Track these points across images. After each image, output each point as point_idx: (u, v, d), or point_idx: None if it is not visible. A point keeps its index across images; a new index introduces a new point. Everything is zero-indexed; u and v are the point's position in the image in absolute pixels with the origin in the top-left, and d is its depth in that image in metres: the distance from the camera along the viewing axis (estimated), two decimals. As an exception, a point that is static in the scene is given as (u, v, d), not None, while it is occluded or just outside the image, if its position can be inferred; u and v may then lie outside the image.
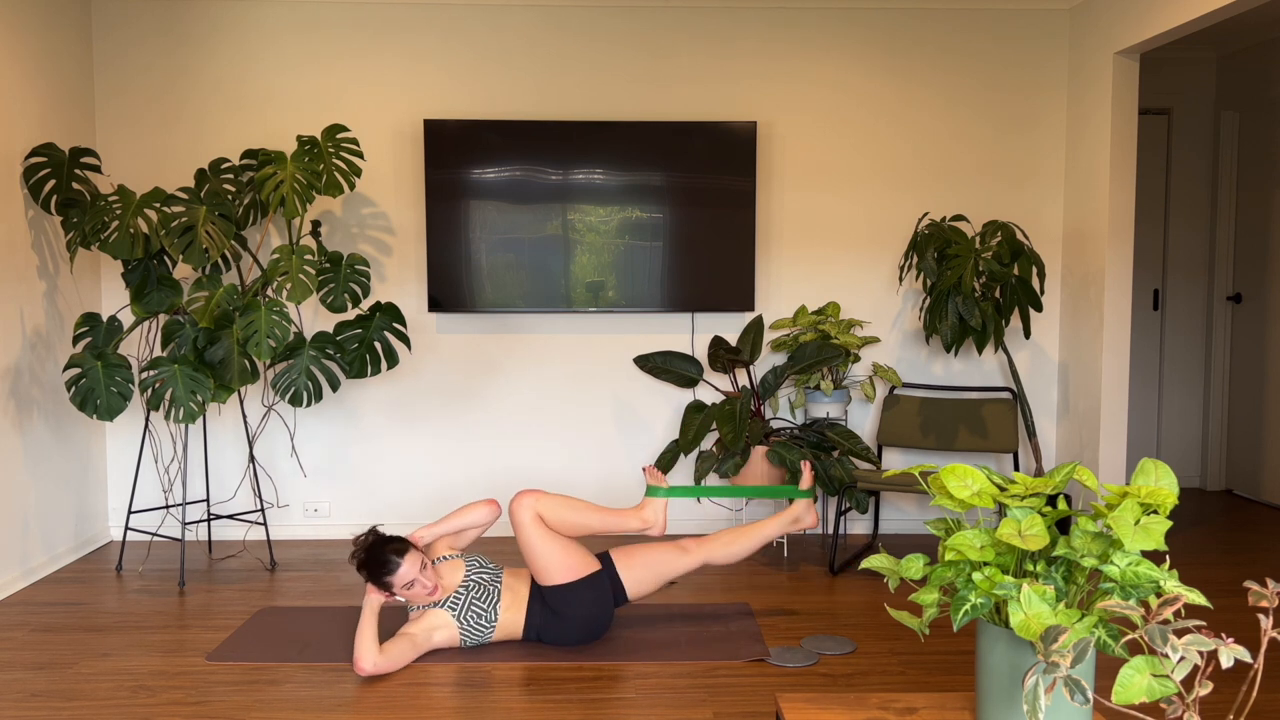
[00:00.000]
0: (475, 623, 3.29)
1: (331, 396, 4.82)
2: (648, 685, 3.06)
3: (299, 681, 3.10)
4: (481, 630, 3.30)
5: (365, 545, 3.25)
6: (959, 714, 2.12)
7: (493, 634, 3.33)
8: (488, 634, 3.32)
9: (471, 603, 3.30)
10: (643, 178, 4.69)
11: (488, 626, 3.31)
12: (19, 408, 4.09)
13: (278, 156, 4.14)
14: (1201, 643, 1.57)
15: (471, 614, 3.29)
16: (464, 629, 3.28)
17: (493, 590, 3.34)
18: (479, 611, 3.30)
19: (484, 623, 3.30)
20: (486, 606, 3.31)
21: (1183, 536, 4.86)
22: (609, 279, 4.72)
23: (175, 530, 4.80)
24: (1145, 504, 1.91)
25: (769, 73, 4.83)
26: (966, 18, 4.85)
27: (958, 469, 2.03)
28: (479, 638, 3.31)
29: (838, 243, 4.90)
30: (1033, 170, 4.91)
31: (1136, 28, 4.28)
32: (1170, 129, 5.82)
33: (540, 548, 3.29)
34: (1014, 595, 1.86)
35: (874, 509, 4.89)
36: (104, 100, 4.71)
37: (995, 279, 4.33)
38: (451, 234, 4.66)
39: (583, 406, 4.89)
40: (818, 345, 4.61)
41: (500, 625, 3.33)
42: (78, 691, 3.04)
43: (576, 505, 3.39)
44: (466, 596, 3.30)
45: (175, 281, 4.20)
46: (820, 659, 3.28)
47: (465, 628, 3.28)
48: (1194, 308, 5.90)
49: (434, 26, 4.75)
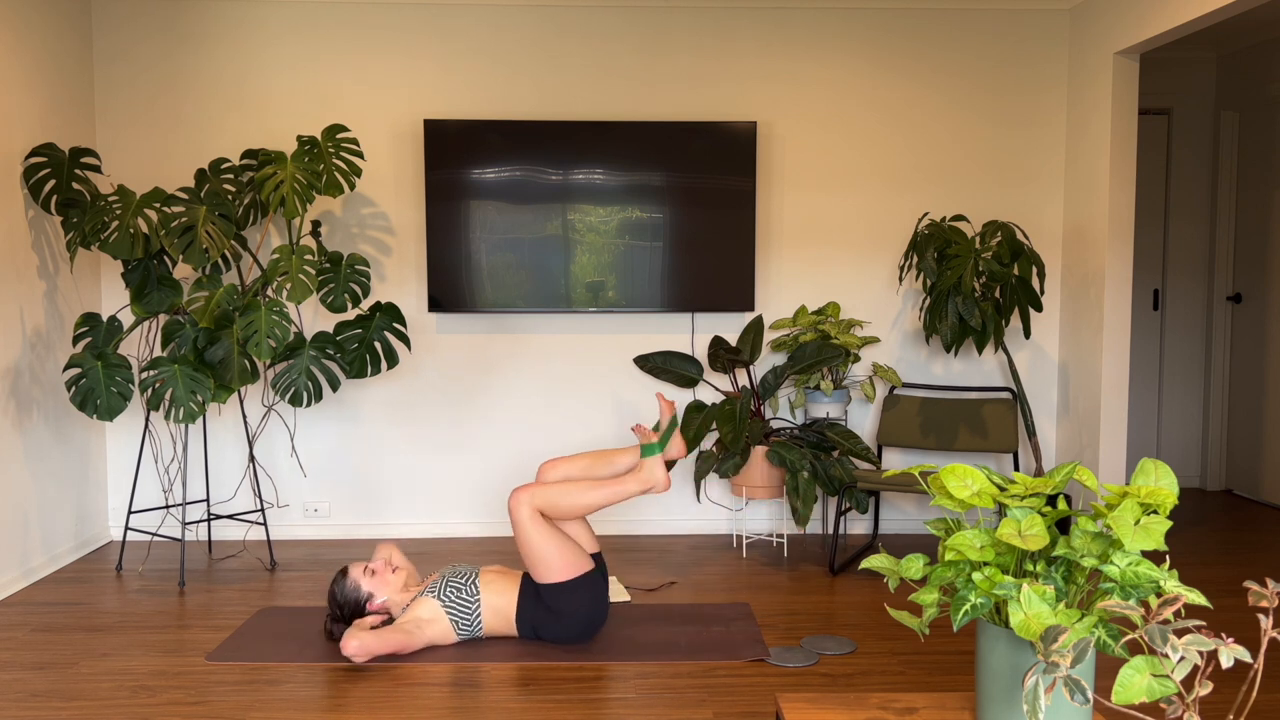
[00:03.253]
0: (458, 598, 3.31)
1: (331, 396, 4.82)
2: (648, 685, 3.06)
3: (299, 681, 3.10)
4: (467, 606, 3.31)
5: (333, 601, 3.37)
6: (959, 714, 2.12)
7: (481, 613, 3.32)
8: (475, 611, 3.32)
9: (448, 581, 3.36)
10: (643, 178, 4.69)
11: (472, 601, 3.32)
12: (19, 408, 4.09)
13: (278, 156, 4.14)
14: (1201, 643, 1.57)
15: (450, 589, 3.32)
16: (449, 607, 3.30)
17: (468, 572, 3.41)
18: (457, 586, 3.33)
19: (466, 597, 3.32)
20: (464, 583, 3.35)
21: (1183, 536, 4.86)
22: (609, 279, 4.72)
23: (175, 530, 4.79)
24: (1145, 504, 1.91)
25: (769, 73, 4.83)
26: (966, 18, 4.85)
27: (958, 469, 2.03)
28: (468, 618, 3.31)
29: (838, 243, 4.90)
30: (1033, 170, 4.91)
31: (1136, 28, 4.28)
32: (1170, 129, 5.82)
33: (538, 545, 3.29)
34: (1014, 595, 1.86)
35: (874, 509, 4.89)
36: (104, 100, 4.71)
37: (995, 279, 4.33)
38: (451, 234, 4.66)
39: (583, 406, 4.89)
40: (818, 345, 4.61)
41: (487, 605, 3.33)
42: (78, 691, 3.04)
43: (573, 489, 3.36)
44: (442, 580, 3.38)
45: (175, 281, 4.20)
46: (820, 659, 3.28)
47: (450, 605, 3.30)
48: (1194, 308, 5.90)
49: (434, 26, 4.75)
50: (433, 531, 4.87)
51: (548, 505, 3.33)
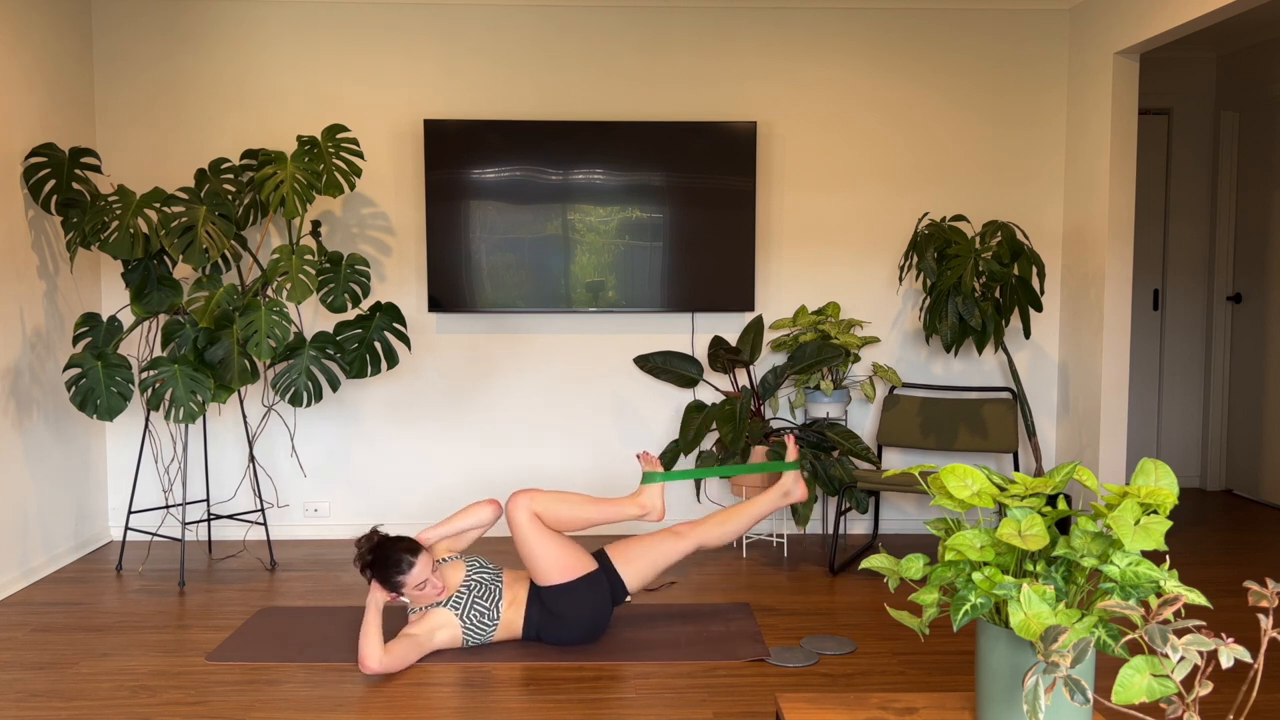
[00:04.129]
0: (478, 621, 3.29)
1: (331, 396, 4.82)
2: (648, 685, 3.06)
3: (299, 681, 3.10)
4: (484, 629, 3.30)
5: (374, 545, 3.23)
6: (959, 714, 2.12)
7: (494, 633, 3.33)
8: (490, 633, 3.32)
9: (474, 602, 3.30)
10: (643, 178, 4.69)
11: (490, 625, 3.31)
12: (19, 408, 4.09)
13: (278, 156, 4.14)
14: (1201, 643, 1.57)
15: (475, 612, 3.29)
16: (467, 628, 3.28)
17: (495, 589, 3.34)
18: (482, 610, 3.30)
19: (487, 621, 3.30)
20: (489, 605, 3.31)
21: (1183, 536, 4.86)
22: (609, 279, 4.72)
23: (175, 530, 4.79)
24: (1145, 504, 1.91)
25: (769, 73, 4.83)
26: (966, 18, 4.85)
27: (958, 469, 2.03)
28: (481, 637, 3.31)
29: (838, 243, 4.90)
30: (1033, 170, 4.91)
31: (1136, 28, 4.28)
32: (1170, 129, 5.82)
33: (537, 548, 3.28)
34: (1014, 595, 1.86)
35: (874, 509, 4.89)
36: (104, 100, 4.71)
37: (995, 279, 4.33)
38: (451, 234, 4.66)
39: (583, 407, 4.89)
40: (818, 345, 4.61)
41: (502, 624, 3.33)
42: (78, 691, 3.04)
43: (572, 500, 3.37)
44: (469, 596, 3.30)
45: (175, 281, 4.20)
46: (820, 659, 3.28)
47: (468, 626, 3.28)
48: (1194, 308, 5.90)
49: (434, 26, 4.75)
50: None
51: (545, 511, 3.32)
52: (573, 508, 3.36)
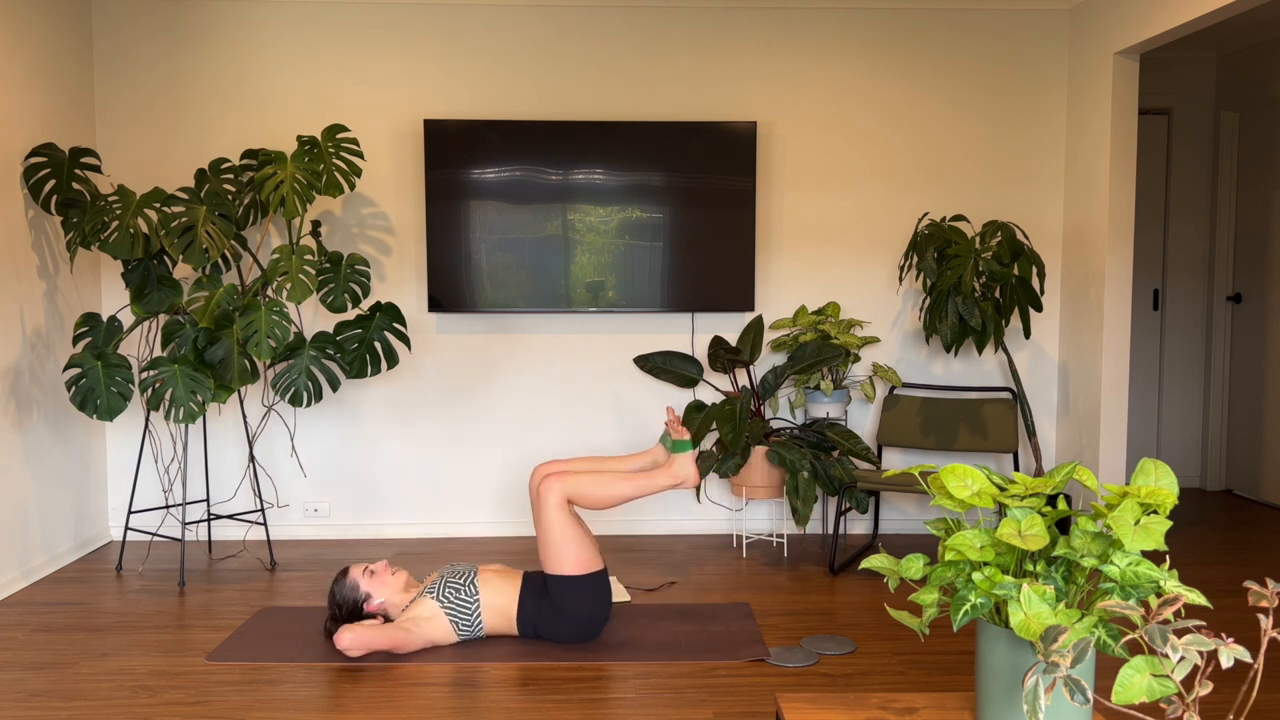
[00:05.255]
0: (456, 598, 3.30)
1: (331, 396, 4.82)
2: (648, 685, 3.06)
3: (299, 681, 3.10)
4: (466, 606, 3.30)
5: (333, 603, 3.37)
6: (959, 714, 2.12)
7: (481, 613, 3.32)
8: (475, 610, 3.31)
9: (447, 582, 3.35)
10: (643, 178, 4.69)
11: (471, 600, 3.31)
12: (19, 408, 4.09)
13: (278, 156, 4.14)
14: (1201, 643, 1.57)
15: (449, 590, 3.32)
16: (448, 607, 3.29)
17: (466, 571, 3.40)
18: (456, 586, 3.33)
19: (465, 597, 3.31)
20: (463, 583, 3.34)
21: (1183, 536, 4.86)
22: (609, 279, 4.72)
23: (175, 530, 4.79)
24: (1145, 504, 1.91)
25: (769, 73, 4.83)
26: (966, 18, 4.85)
27: (958, 469, 2.03)
28: (468, 617, 3.31)
29: (838, 243, 4.90)
30: (1033, 170, 4.91)
31: (1136, 28, 4.28)
32: (1170, 129, 5.82)
33: (560, 534, 3.28)
34: (1014, 595, 1.86)
35: (874, 509, 4.89)
36: (104, 100, 4.71)
37: (995, 279, 4.33)
38: (451, 234, 4.66)
39: (583, 407, 4.89)
40: (818, 345, 4.61)
41: (487, 605, 3.32)
42: (78, 691, 3.04)
43: (603, 480, 3.34)
44: (441, 580, 3.37)
45: (175, 281, 4.20)
46: (820, 659, 3.28)
47: (448, 605, 3.30)
48: (1194, 308, 5.90)
49: (434, 26, 4.75)
50: (433, 531, 4.87)
51: (578, 494, 3.31)
52: (604, 487, 3.33)
